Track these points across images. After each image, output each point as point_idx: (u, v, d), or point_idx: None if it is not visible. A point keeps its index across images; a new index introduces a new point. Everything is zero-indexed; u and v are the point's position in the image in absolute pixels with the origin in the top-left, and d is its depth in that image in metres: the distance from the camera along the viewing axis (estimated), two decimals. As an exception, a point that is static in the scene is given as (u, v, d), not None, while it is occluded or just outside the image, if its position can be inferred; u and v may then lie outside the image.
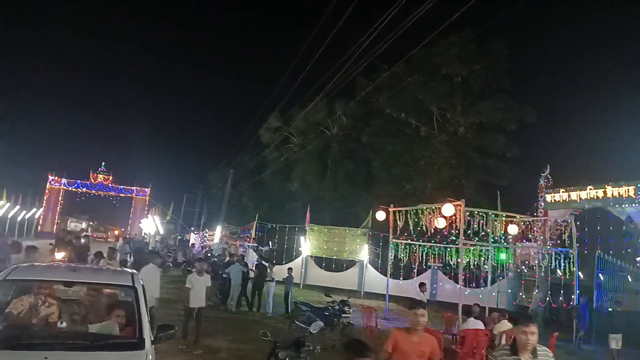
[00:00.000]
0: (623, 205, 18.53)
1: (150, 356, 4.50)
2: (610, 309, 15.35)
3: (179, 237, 51.21)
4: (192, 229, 49.66)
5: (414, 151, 29.51)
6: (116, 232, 54.75)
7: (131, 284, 5.17)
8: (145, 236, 36.79)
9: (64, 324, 4.98)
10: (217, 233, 35.78)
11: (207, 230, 43.60)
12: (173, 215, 47.75)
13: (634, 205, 18.08)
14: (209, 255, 27.00)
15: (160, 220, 38.95)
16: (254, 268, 17.12)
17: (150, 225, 35.51)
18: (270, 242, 32.30)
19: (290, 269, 17.22)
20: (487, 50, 27.44)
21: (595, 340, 15.19)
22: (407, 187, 28.93)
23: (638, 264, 17.87)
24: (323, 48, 15.47)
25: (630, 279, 18.72)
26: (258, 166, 36.54)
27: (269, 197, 36.98)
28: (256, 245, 29.77)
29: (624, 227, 18.87)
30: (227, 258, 20.87)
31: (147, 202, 52.54)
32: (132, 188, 53.47)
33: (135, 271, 5.94)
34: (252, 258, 23.96)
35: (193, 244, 36.57)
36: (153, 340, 4.75)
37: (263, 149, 35.45)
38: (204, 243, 40.39)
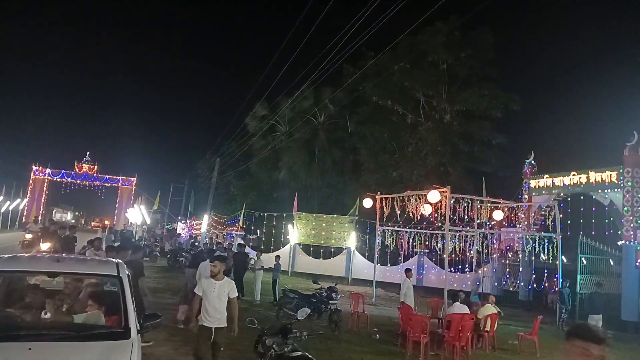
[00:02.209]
0: (606, 191, 18.80)
1: (136, 345, 4.51)
2: (591, 292, 15.64)
3: (166, 227, 50.96)
4: (179, 218, 49.44)
5: (400, 139, 29.59)
6: (106, 222, 54.33)
7: (116, 274, 5.15)
8: (132, 226, 36.51)
9: (49, 315, 4.95)
10: (204, 222, 35.68)
11: (194, 219, 43.49)
12: (160, 204, 47.40)
13: (616, 190, 18.35)
14: (195, 244, 26.94)
15: (146, 210, 38.62)
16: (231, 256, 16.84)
17: (137, 215, 35.20)
18: (257, 231, 32.33)
19: (277, 256, 17.28)
20: (473, 38, 27.50)
21: (578, 321, 15.50)
22: (394, 175, 29.06)
23: (619, 248, 18.21)
24: (309, 36, 15.40)
25: (612, 262, 19.11)
26: (245, 155, 36.38)
27: (256, 185, 36.89)
28: (244, 234, 29.79)
29: (606, 212, 19.19)
30: (214, 247, 20.84)
31: (133, 192, 52.11)
32: (118, 178, 52.97)
33: (120, 261, 5.91)
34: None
35: (179, 234, 36.38)
36: (139, 330, 4.76)
37: (250, 137, 35.27)
38: (191, 232, 40.27)
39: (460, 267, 23.11)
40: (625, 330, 15.85)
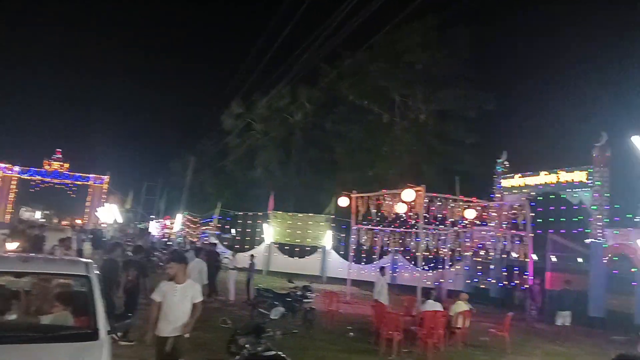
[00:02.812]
0: (575, 190, 19.29)
1: (105, 346, 4.44)
2: (560, 289, 16.04)
3: (139, 226, 50.19)
4: (152, 217, 48.76)
5: (376, 138, 29.78)
6: (78, 221, 53.13)
7: (85, 274, 5.06)
8: (103, 225, 35.90)
9: (14, 316, 4.84)
10: (178, 221, 35.27)
11: (168, 218, 42.94)
12: (132, 203, 46.69)
13: (585, 189, 18.85)
14: (168, 243, 26.61)
15: (118, 209, 38.00)
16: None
17: (108, 214, 34.60)
18: (232, 230, 32.12)
19: (252, 255, 17.21)
20: (449, 38, 27.80)
21: (547, 318, 15.89)
22: (370, 174, 29.23)
23: (588, 246, 18.70)
24: (286, 34, 15.37)
25: (580, 260, 19.61)
26: (220, 153, 36.15)
27: (232, 184, 36.63)
28: (218, 232, 29.54)
29: (575, 211, 19.68)
30: (188, 246, 20.61)
31: (105, 191, 51.11)
32: (90, 176, 51.83)
33: (90, 260, 5.80)
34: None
35: (149, 232, 35.90)
36: (109, 330, 4.68)
37: (225, 135, 35.02)
38: (164, 231, 39.75)
39: (433, 265, 23.41)
40: (592, 326, 16.30)
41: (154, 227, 44.63)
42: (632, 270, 16.77)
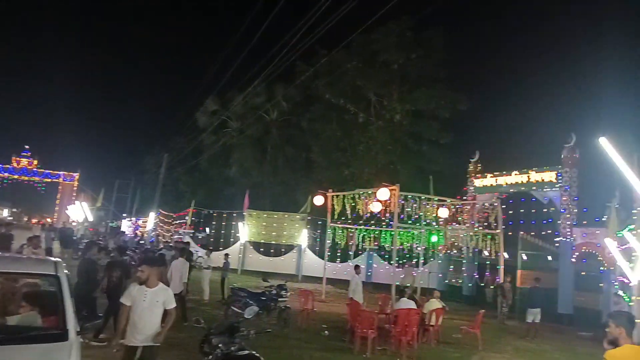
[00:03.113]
0: (545, 190, 19.73)
1: (75, 347, 4.34)
2: (531, 286, 16.40)
3: (110, 225, 49.25)
4: (124, 215, 47.90)
5: (352, 137, 29.91)
6: (48, 220, 51.78)
7: (54, 273, 4.93)
8: (74, 224, 35.09)
9: (-22, 317, 4.69)
10: (151, 220, 34.75)
11: (140, 216, 42.28)
12: (104, 201, 45.73)
13: (554, 189, 19.30)
14: (141, 242, 26.17)
15: (89, 207, 37.17)
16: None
17: (79, 212, 33.83)
18: (207, 229, 31.80)
19: (226, 254, 17.08)
20: (425, 39, 28.11)
21: (518, 315, 16.23)
22: (346, 173, 29.35)
23: (557, 244, 19.16)
24: (262, 30, 15.27)
25: (550, 258, 20.08)
26: (195, 151, 35.68)
27: (206, 182, 36.27)
28: (192, 231, 29.22)
29: (544, 210, 20.14)
30: (161, 245, 20.30)
31: (75, 188, 49.98)
32: (59, 173, 50.59)
33: (59, 259, 5.66)
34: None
35: (123, 231, 35.25)
36: (79, 331, 4.58)
37: (200, 133, 34.61)
38: (136, 230, 39.10)
39: (407, 263, 23.65)
40: (561, 323, 16.75)
41: (126, 226, 43.87)
42: (600, 268, 17.27)
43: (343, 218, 20.04)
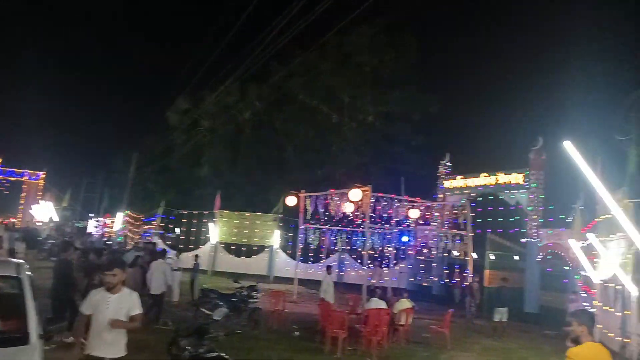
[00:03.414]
0: (512, 191, 20.18)
1: (37, 351, 4.21)
2: (498, 286, 16.73)
3: (77, 225, 48.04)
4: (92, 215, 46.80)
5: (325, 138, 29.96)
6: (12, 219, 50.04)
7: (16, 275, 4.78)
8: (39, 224, 34.11)
9: None
10: (119, 220, 34.03)
11: (108, 216, 41.37)
12: (70, 201, 44.58)
13: (521, 191, 19.76)
14: (108, 243, 25.60)
15: (55, 207, 36.18)
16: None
17: (44, 212, 32.90)
18: (177, 229, 31.31)
19: (196, 255, 16.85)
20: (397, 42, 28.40)
21: (486, 314, 16.52)
22: (319, 173, 29.37)
23: (523, 245, 19.61)
24: (235, 29, 15.15)
25: (517, 258, 20.56)
26: (165, 150, 35.05)
27: (177, 182, 35.62)
28: (162, 232, 28.74)
29: (512, 211, 20.61)
30: (129, 246, 19.89)
31: (40, 187, 48.51)
32: (24, 171, 48.90)
33: (21, 261, 5.48)
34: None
35: (90, 232, 34.46)
36: (41, 335, 4.44)
37: (171, 132, 34.03)
38: (104, 230, 38.25)
39: (378, 263, 23.85)
40: (527, 321, 17.13)
41: (93, 226, 42.88)
42: (565, 268, 17.76)
43: (315, 219, 20.06)
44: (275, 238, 25.38)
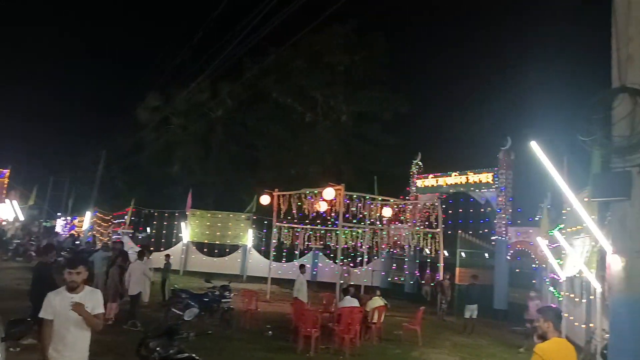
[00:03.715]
0: (482, 190, 20.54)
1: None
2: (469, 283, 17.00)
3: (44, 224, 46.69)
4: (59, 214, 45.57)
5: (298, 136, 29.93)
6: None
7: None
8: (4, 223, 32.99)
9: None
10: (87, 219, 33.25)
11: (76, 216, 40.39)
12: (37, 199, 43.26)
13: (491, 190, 20.13)
14: (76, 242, 24.97)
15: (21, 205, 35.09)
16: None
17: (9, 211, 31.86)
18: (147, 229, 30.78)
19: (167, 255, 16.60)
20: (369, 42, 28.58)
21: (456, 311, 16.79)
22: (292, 172, 29.32)
23: (493, 243, 20.00)
24: (206, 24, 14.94)
25: (487, 256, 20.95)
26: (135, 147, 34.36)
27: (147, 180, 34.97)
28: (132, 231, 28.19)
29: (482, 210, 20.99)
30: (98, 246, 19.43)
31: (5, 185, 46.95)
32: (-13, 169, 47.38)
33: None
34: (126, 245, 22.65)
35: (57, 232, 33.53)
36: (3, 337, 4.28)
37: (140, 129, 33.36)
38: (72, 230, 37.31)
39: (352, 261, 23.96)
40: (497, 318, 17.48)
41: (61, 225, 41.77)
42: (533, 266, 18.19)
43: (289, 217, 20.01)
44: (248, 237, 25.21)
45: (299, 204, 17.95)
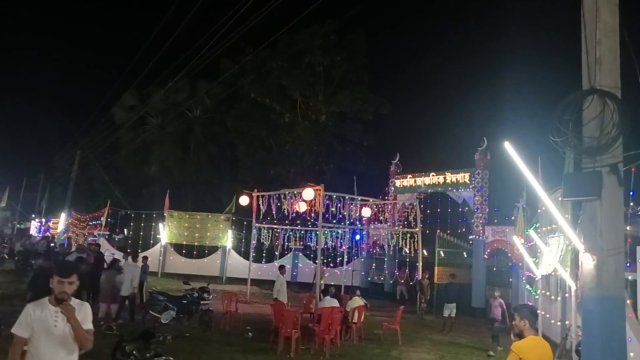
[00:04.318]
0: (460, 190, 20.79)
1: None
2: (447, 282, 17.19)
3: (17, 226, 45.65)
4: (33, 216, 44.60)
5: (278, 137, 29.84)
6: None
7: None
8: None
9: None
10: (62, 221, 32.62)
11: (50, 217, 39.57)
12: (9, 201, 42.30)
13: (468, 189, 20.39)
14: (51, 245, 24.47)
15: (-8, 207, 34.29)
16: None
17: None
18: (125, 230, 30.33)
19: (145, 257, 16.37)
20: (348, 43, 28.66)
21: (435, 310, 16.96)
22: (272, 172, 29.24)
23: (470, 242, 20.26)
24: (184, 24, 14.81)
25: (465, 255, 21.21)
26: (111, 148, 33.76)
27: (123, 181, 34.42)
28: (108, 233, 27.73)
29: (460, 209, 21.25)
30: (74, 249, 19.08)
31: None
32: (-43, 170, 46.13)
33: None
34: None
35: (31, 234, 32.82)
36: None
37: (116, 129, 32.82)
38: (47, 232, 36.55)
39: (331, 262, 24.02)
40: (474, 316, 17.72)
41: (35, 227, 40.91)
42: (510, 264, 18.46)
43: (268, 218, 19.94)
44: (227, 238, 25.05)
45: (279, 204, 17.92)
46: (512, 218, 17.64)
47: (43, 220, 41.37)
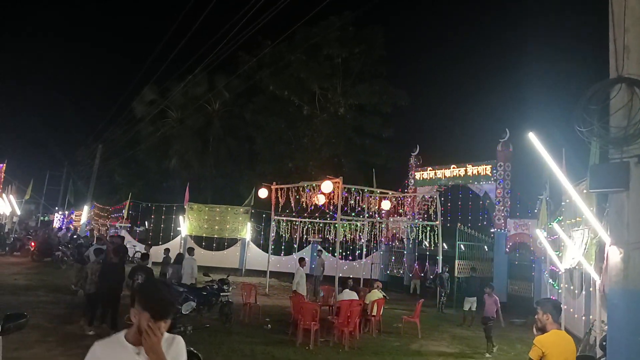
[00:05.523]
0: (481, 183, 20.54)
1: None
2: (468, 276, 17.02)
3: (41, 218, 46.63)
4: (57, 209, 45.51)
5: (296, 129, 29.83)
6: None
7: None
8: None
9: None
10: (85, 213, 33.21)
11: (73, 210, 40.34)
12: (33, 194, 43.18)
13: (490, 182, 20.13)
14: (74, 237, 24.95)
15: (17, 200, 35.00)
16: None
17: (5, 206, 31.80)
18: (145, 223, 30.75)
19: (167, 249, 16.62)
20: (366, 35, 28.43)
21: (456, 304, 16.83)
22: (290, 165, 29.26)
23: (492, 235, 20.02)
24: (202, 18, 14.83)
25: (486, 248, 20.98)
26: (131, 141, 34.19)
27: (144, 174, 34.88)
28: (129, 226, 28.16)
29: (481, 202, 20.99)
30: (95, 240, 19.40)
31: (1, 180, 46.81)
32: (-18, 164, 47.18)
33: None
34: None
35: (60, 227, 33.49)
36: (0, 331, 4.26)
37: (137, 123, 33.21)
38: (70, 224, 37.27)
39: (350, 255, 23.98)
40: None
41: (59, 220, 41.74)
42: (531, 258, 18.20)
43: (287, 211, 19.98)
44: (246, 230, 25.21)
45: (297, 197, 17.94)
46: (535, 211, 17.38)
47: (66, 212, 42.17)
